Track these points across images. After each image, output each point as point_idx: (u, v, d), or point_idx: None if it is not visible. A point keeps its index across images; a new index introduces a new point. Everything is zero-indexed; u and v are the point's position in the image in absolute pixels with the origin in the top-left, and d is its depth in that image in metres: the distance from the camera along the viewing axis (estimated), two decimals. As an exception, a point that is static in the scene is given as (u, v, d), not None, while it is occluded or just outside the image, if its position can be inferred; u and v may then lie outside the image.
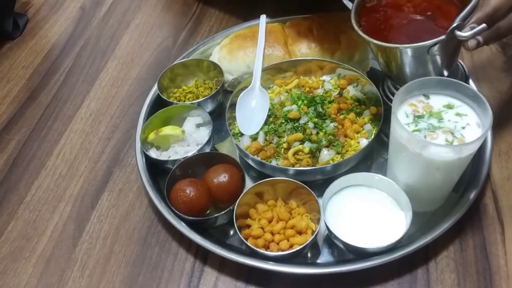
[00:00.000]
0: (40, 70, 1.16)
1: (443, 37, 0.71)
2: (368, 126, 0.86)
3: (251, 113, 0.90)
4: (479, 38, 0.71)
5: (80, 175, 0.94)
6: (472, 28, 0.69)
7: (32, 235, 0.86)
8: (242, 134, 0.89)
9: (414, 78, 0.74)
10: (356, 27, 0.79)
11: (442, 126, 0.70)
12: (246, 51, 0.98)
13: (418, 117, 0.72)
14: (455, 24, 0.70)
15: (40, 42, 1.23)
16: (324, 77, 0.97)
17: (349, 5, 0.96)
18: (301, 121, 0.87)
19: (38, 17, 1.31)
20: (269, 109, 0.90)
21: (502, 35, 0.72)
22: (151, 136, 0.90)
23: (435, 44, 0.72)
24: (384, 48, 0.78)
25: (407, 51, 0.76)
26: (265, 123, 0.89)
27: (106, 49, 1.19)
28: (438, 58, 0.77)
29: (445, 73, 0.81)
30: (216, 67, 0.99)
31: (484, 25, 0.68)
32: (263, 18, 1.00)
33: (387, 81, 0.91)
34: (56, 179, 0.93)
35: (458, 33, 0.70)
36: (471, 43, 0.71)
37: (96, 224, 0.86)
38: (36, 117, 1.05)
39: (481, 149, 0.83)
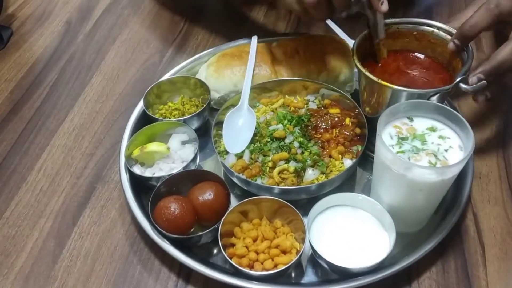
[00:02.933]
0: (23, 84, 1.15)
1: (448, 87, 0.75)
2: (353, 148, 0.87)
3: (237, 131, 0.91)
4: (487, 93, 0.76)
5: (62, 190, 0.92)
6: (479, 79, 0.74)
7: (11, 251, 0.84)
8: (227, 152, 0.89)
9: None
10: (357, 63, 0.81)
11: (426, 148, 0.72)
12: (233, 70, 0.99)
13: (402, 139, 0.73)
14: (460, 78, 0.74)
15: (24, 55, 1.22)
16: (309, 97, 0.98)
17: (332, 25, 0.99)
18: (287, 140, 0.88)
19: (22, 30, 1.30)
20: (255, 128, 0.90)
21: (508, 89, 0.79)
22: (136, 153, 0.89)
23: (438, 92, 0.75)
24: (387, 90, 0.79)
25: (410, 95, 0.77)
26: (251, 141, 0.89)
27: (91, 64, 1.19)
28: None
29: None
30: (202, 84, 0.99)
31: (484, 82, 0.73)
32: (254, 39, 1.01)
33: None
34: (37, 194, 0.92)
35: (462, 86, 0.74)
36: (480, 98, 0.77)
37: (77, 241, 0.84)
38: (18, 131, 1.04)
39: (462, 171, 0.84)
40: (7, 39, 1.26)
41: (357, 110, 0.90)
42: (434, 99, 0.76)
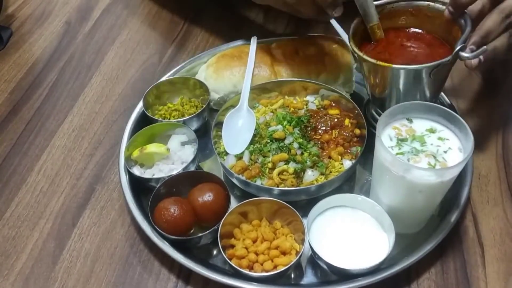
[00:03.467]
0: (23, 84, 1.15)
1: (448, 58, 0.75)
2: (353, 149, 0.87)
3: (237, 132, 0.91)
4: (481, 57, 0.76)
5: (62, 191, 0.92)
6: (471, 50, 0.74)
7: (11, 252, 0.84)
8: (227, 153, 0.89)
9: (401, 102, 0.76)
10: (354, 48, 0.81)
11: (425, 149, 0.72)
12: (232, 71, 0.99)
13: (401, 141, 0.73)
14: (459, 46, 0.74)
15: (24, 56, 1.22)
16: (308, 98, 0.98)
17: (335, 25, 0.98)
18: (286, 141, 0.88)
19: (22, 31, 1.30)
20: (255, 129, 0.90)
21: (499, 55, 0.78)
22: (135, 154, 0.89)
23: (439, 65, 0.75)
24: (381, 70, 0.79)
25: (411, 73, 0.78)
26: (251, 142, 0.89)
27: (90, 65, 1.19)
28: (432, 83, 0.79)
29: (430, 101, 0.83)
30: (202, 85, 0.99)
31: (485, 47, 0.73)
32: (254, 40, 1.01)
33: (369, 104, 0.93)
34: (36, 195, 0.92)
35: (462, 54, 0.74)
36: (475, 61, 0.77)
37: (77, 242, 0.85)
38: (18, 132, 1.04)
39: (462, 172, 0.84)
40: (7, 40, 1.26)
41: (357, 111, 0.90)
42: (435, 73, 0.76)
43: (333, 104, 0.95)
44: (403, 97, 0.83)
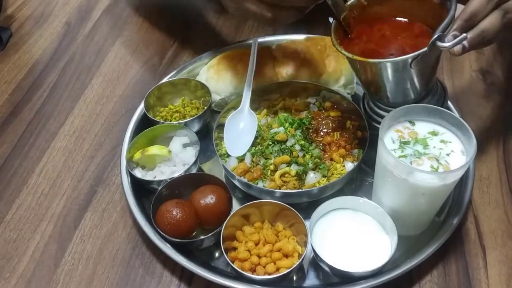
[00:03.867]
0: (23, 86, 1.14)
1: (425, 49, 0.71)
2: (354, 151, 0.87)
3: (239, 134, 0.90)
4: (465, 43, 0.70)
5: (63, 193, 0.92)
6: (455, 37, 0.70)
7: (13, 255, 0.83)
8: (229, 155, 0.89)
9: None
10: (337, 46, 0.79)
11: (428, 152, 0.72)
12: (234, 72, 0.99)
13: (404, 143, 0.73)
14: (436, 36, 0.70)
15: (24, 57, 1.22)
16: (309, 99, 0.98)
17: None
18: (288, 143, 0.88)
19: (22, 32, 1.29)
20: (256, 131, 0.90)
21: (489, 38, 0.72)
22: (137, 156, 0.89)
23: (417, 56, 0.72)
24: (367, 65, 0.78)
25: (390, 66, 0.75)
26: (252, 144, 0.89)
27: (91, 66, 1.19)
28: (419, 73, 0.76)
29: (424, 88, 0.82)
30: (203, 86, 0.99)
31: (464, 34, 0.68)
32: (255, 41, 1.01)
33: (366, 96, 0.92)
34: (38, 198, 0.92)
35: (439, 44, 0.70)
36: (457, 48, 0.71)
37: (79, 244, 0.84)
38: (18, 134, 1.03)
39: (464, 174, 0.84)
40: (6, 41, 1.26)
41: (358, 113, 0.90)
42: (418, 63, 0.73)
43: (335, 106, 0.95)
44: (393, 88, 0.80)
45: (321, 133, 0.90)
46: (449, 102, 0.97)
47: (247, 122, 0.92)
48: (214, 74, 1.00)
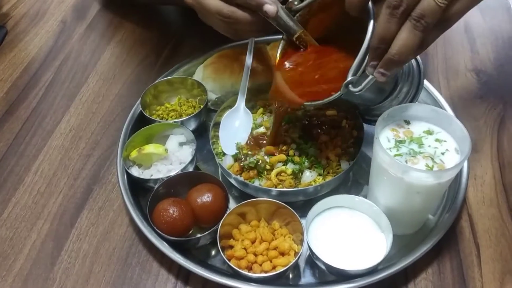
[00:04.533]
0: (18, 84, 1.14)
1: (339, 93, 0.71)
2: (350, 150, 0.88)
3: (234, 133, 0.91)
4: (381, 70, 0.65)
5: (59, 192, 0.92)
6: (373, 67, 0.66)
7: (9, 253, 0.83)
8: (225, 154, 0.89)
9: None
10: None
11: (423, 151, 0.72)
12: (230, 71, 0.99)
13: (399, 142, 0.74)
14: (348, 80, 0.68)
15: (19, 55, 1.21)
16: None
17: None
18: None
19: (17, 30, 1.29)
20: (252, 129, 0.91)
21: (409, 55, 0.64)
22: (134, 154, 0.89)
23: (325, 104, 0.74)
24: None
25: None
26: (249, 143, 0.89)
27: (87, 64, 1.19)
28: (368, 92, 0.72)
29: (390, 85, 0.82)
30: (200, 85, 1.00)
31: (371, 76, 0.66)
32: (252, 40, 1.01)
33: None
34: (34, 196, 0.92)
35: (351, 89, 0.69)
36: (378, 75, 0.66)
37: (75, 242, 0.85)
38: (14, 132, 1.03)
39: (458, 173, 0.86)
40: (2, 39, 1.25)
41: (354, 112, 0.91)
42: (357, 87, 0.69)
43: (330, 105, 0.95)
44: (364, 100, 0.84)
45: (317, 132, 0.90)
46: (444, 101, 0.98)
47: (242, 121, 0.92)
48: (210, 73, 1.01)
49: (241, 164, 0.85)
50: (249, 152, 0.87)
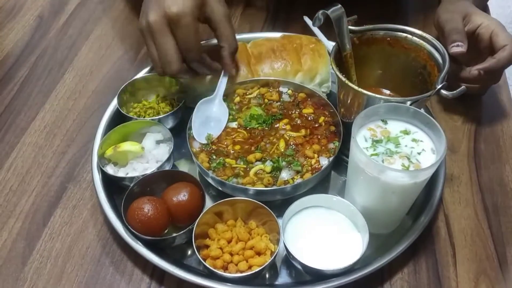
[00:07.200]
0: (-8, 79, 1.11)
1: (429, 93, 0.76)
2: (330, 145, 0.87)
3: (208, 120, 0.91)
4: (479, 71, 0.92)
5: (32, 190, 0.90)
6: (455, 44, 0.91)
7: (-22, 252, 0.81)
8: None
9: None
10: (337, 72, 0.82)
11: (399, 151, 0.73)
12: (208, 68, 0.98)
13: (376, 142, 0.74)
14: (440, 85, 0.76)
15: (-6, 50, 1.19)
16: (281, 89, 0.97)
17: (310, 26, 0.99)
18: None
19: (-8, 24, 1.26)
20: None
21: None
22: (109, 152, 0.88)
23: (417, 100, 0.76)
24: (357, 94, 0.80)
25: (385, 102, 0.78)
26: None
27: (63, 60, 1.16)
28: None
29: None
30: (178, 83, 0.98)
31: (463, 88, 0.76)
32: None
33: None
34: (6, 194, 0.90)
35: (444, 92, 0.76)
36: (474, 72, 0.92)
37: (48, 242, 0.83)
38: (-13, 128, 1.01)
39: (434, 173, 0.85)
40: (-24, 33, 1.22)
41: (332, 110, 0.90)
42: (413, 105, 0.76)
43: (308, 100, 0.95)
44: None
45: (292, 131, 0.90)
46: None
47: (217, 112, 0.92)
48: (189, 70, 0.99)
49: (209, 160, 0.86)
50: (220, 148, 0.87)
